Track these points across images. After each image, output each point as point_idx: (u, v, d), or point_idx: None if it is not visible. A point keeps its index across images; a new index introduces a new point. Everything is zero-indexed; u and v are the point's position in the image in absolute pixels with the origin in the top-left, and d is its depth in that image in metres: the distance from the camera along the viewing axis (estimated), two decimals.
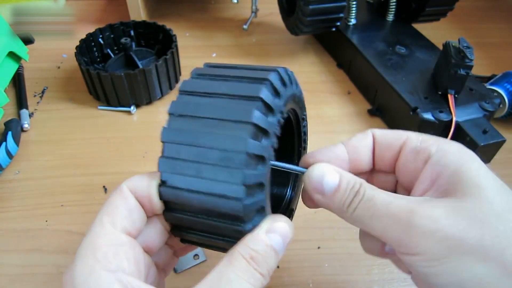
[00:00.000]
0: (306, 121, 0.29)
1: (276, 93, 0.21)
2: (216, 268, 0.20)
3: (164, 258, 0.25)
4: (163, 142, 0.21)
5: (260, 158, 0.19)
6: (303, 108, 0.28)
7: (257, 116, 0.19)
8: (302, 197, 0.26)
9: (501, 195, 0.19)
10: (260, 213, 0.21)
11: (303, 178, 0.23)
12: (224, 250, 0.22)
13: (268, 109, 0.20)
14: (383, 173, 0.26)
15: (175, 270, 0.34)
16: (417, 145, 0.23)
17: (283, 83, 0.22)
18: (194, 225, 0.22)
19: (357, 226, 0.23)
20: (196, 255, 0.35)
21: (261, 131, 0.20)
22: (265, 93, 0.20)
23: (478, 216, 0.19)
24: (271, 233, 0.21)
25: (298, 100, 0.25)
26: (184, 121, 0.20)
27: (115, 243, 0.20)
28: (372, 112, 0.50)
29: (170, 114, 0.21)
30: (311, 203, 0.25)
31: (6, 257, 0.35)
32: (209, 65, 0.24)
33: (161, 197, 0.21)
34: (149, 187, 0.21)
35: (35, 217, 0.39)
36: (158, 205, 0.22)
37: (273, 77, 0.21)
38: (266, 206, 0.21)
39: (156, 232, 0.23)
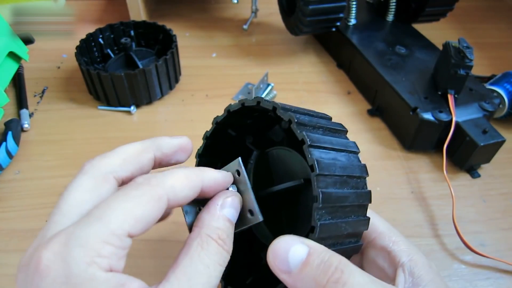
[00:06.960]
0: None
1: None
2: (187, 253, 0.19)
3: None
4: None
5: None
6: None
7: None
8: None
9: None
10: None
11: (267, 256, 0.20)
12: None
13: None
14: None
15: None
16: (389, 246, 0.25)
17: None
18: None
19: None
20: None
21: None
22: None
23: None
24: (225, 208, 0.21)
25: None
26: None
27: None
28: (372, 112, 0.51)
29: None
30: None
31: (6, 257, 0.35)
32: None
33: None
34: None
35: (35, 217, 0.39)
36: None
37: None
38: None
39: None
